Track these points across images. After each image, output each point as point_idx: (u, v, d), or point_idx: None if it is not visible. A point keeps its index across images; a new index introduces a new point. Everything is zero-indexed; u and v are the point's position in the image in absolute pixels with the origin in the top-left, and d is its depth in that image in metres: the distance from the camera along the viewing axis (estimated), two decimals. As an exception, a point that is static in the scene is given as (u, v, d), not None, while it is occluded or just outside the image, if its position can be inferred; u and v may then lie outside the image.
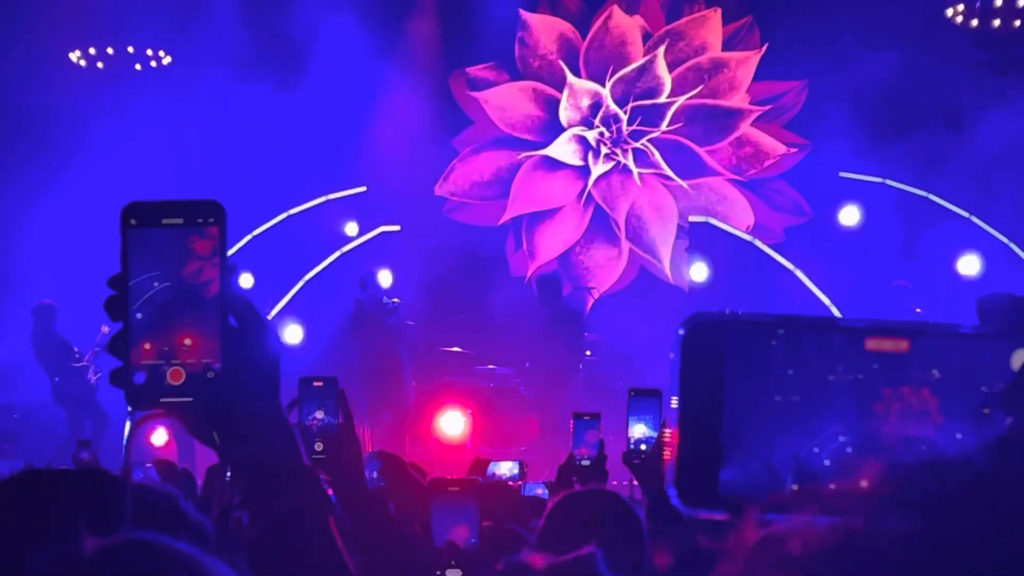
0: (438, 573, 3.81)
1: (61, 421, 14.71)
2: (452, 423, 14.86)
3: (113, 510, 1.76)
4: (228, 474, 1.76)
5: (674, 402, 1.41)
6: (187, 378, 1.69)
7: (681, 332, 1.42)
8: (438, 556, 3.91)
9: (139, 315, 1.69)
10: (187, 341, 1.69)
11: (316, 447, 3.78)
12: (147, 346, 1.68)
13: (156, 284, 1.69)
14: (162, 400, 1.69)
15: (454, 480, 4.66)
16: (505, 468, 8.23)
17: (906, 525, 1.20)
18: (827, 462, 1.38)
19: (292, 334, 16.66)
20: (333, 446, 3.70)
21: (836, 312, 16.55)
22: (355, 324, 14.38)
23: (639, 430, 5.02)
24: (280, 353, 1.80)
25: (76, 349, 14.82)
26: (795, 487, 1.38)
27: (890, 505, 1.28)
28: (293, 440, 1.81)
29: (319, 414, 3.90)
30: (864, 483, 1.36)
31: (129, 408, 1.71)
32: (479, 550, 4.00)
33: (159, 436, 13.17)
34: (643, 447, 4.98)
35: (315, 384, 3.95)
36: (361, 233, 17.55)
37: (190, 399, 1.69)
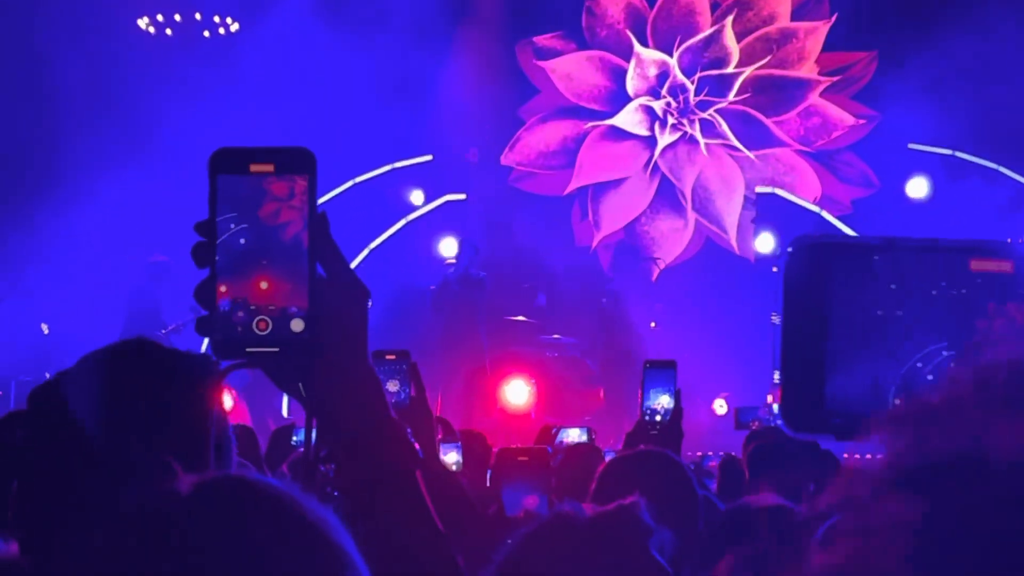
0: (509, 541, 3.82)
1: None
2: (517, 392, 14.90)
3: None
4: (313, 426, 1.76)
5: (775, 318, 1.41)
6: (273, 328, 1.66)
7: (787, 251, 1.41)
8: (511, 526, 3.91)
9: (217, 259, 1.67)
10: (263, 284, 1.66)
11: None
12: (223, 288, 1.66)
13: (232, 226, 1.67)
14: (247, 350, 1.66)
15: (522, 449, 4.67)
16: (574, 435, 8.23)
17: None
18: (930, 376, 1.37)
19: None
20: (406, 419, 3.72)
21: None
22: (437, 299, 14.47)
23: (655, 401, 5.07)
24: (367, 305, 1.77)
25: (165, 322, 14.91)
26: (898, 401, 1.37)
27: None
28: (380, 394, 1.79)
29: (392, 387, 3.91)
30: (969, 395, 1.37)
31: (214, 357, 1.69)
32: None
33: (224, 399, 13.24)
34: (658, 418, 5.02)
35: (388, 357, 3.95)
36: (427, 202, 17.60)
37: (276, 349, 1.66)
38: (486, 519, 3.75)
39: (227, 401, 13.33)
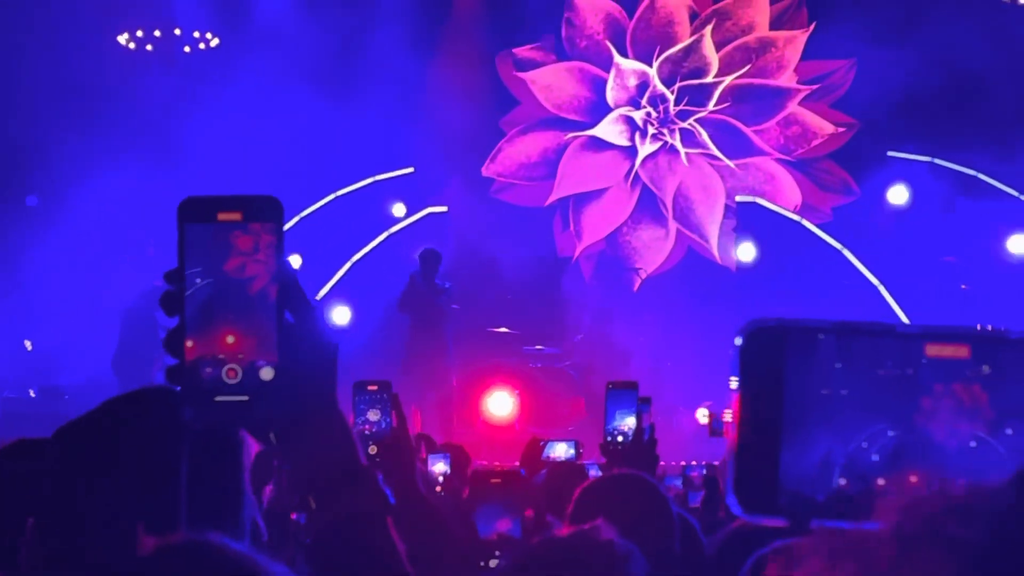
0: (482, 564, 3.82)
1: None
2: (500, 403, 14.91)
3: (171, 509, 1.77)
4: (282, 474, 1.76)
5: (727, 416, 1.43)
6: (243, 376, 1.66)
7: (738, 341, 1.44)
8: (485, 548, 3.92)
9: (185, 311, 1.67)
10: (230, 338, 1.66)
11: (370, 451, 3.79)
12: (189, 343, 1.66)
13: (199, 281, 1.67)
14: (217, 399, 1.66)
15: (496, 471, 4.68)
16: (561, 449, 8.23)
17: (965, 533, 1.22)
18: (875, 457, 1.38)
19: (340, 315, 16.73)
20: (387, 450, 3.73)
21: (884, 292, 16.49)
22: (404, 299, 14.38)
23: (620, 422, 5.10)
24: (337, 351, 1.77)
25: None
26: (843, 482, 1.38)
27: (944, 509, 1.30)
28: (351, 440, 1.79)
29: (372, 416, 3.92)
30: (914, 479, 1.38)
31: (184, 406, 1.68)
32: (522, 541, 4.01)
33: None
34: (620, 438, 5.06)
35: (369, 388, 3.96)
36: (408, 214, 17.61)
37: (246, 398, 1.66)
38: (461, 544, 3.76)
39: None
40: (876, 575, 1.15)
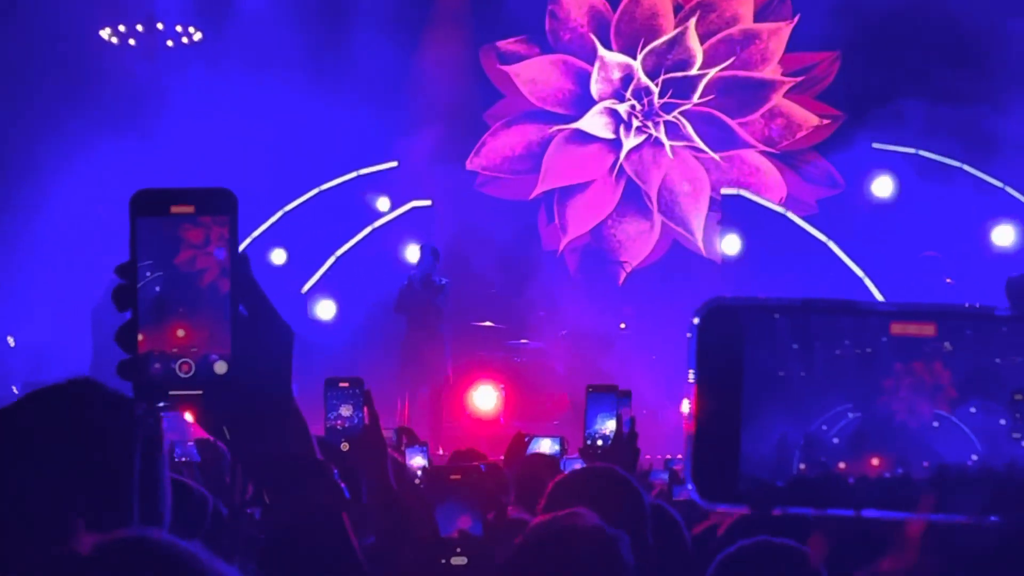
0: (443, 561, 3.81)
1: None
2: (485, 398, 14.91)
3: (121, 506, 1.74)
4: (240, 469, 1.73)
5: (685, 406, 1.39)
6: (196, 370, 1.66)
7: (695, 320, 1.39)
8: (446, 546, 3.91)
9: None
10: (180, 332, 1.65)
11: (342, 447, 3.78)
12: (142, 337, 1.65)
13: (149, 274, 1.66)
14: (171, 392, 1.66)
15: (454, 468, 4.65)
16: (545, 445, 8.22)
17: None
18: (836, 440, 1.36)
19: (324, 310, 16.72)
20: (359, 446, 3.71)
21: (869, 284, 16.50)
22: (401, 300, 14.37)
23: (600, 425, 5.12)
24: (292, 343, 1.75)
25: None
26: (802, 466, 1.35)
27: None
28: (307, 434, 1.77)
29: (345, 412, 3.91)
30: (875, 462, 1.35)
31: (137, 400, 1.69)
32: (484, 538, 3.99)
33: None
34: (600, 442, 5.07)
35: (341, 385, 3.95)
36: (392, 208, 17.59)
37: (199, 392, 1.66)
38: (421, 542, 3.74)
39: (189, 416, 13.33)
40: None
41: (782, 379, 1.36)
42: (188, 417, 1.67)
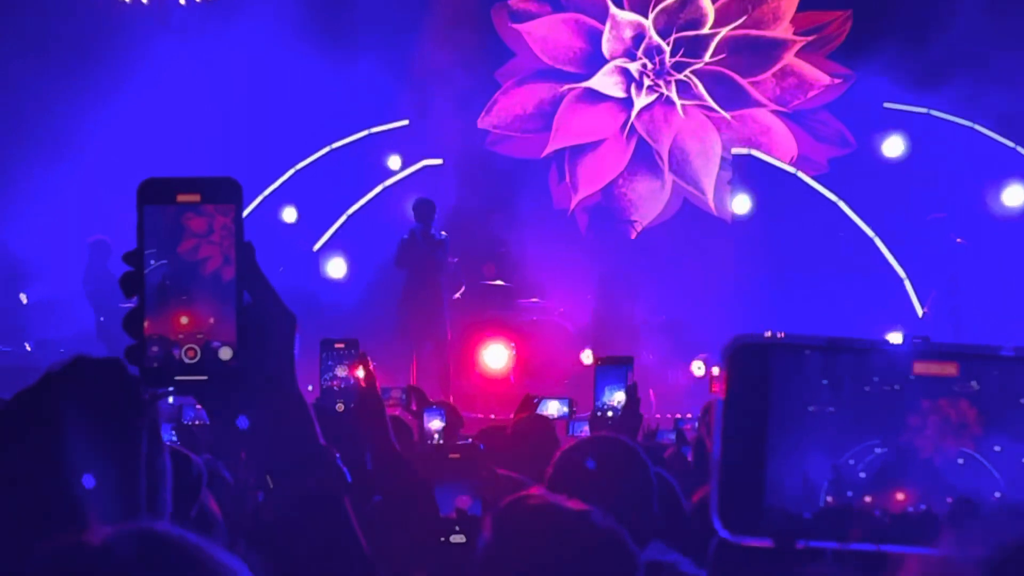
0: (442, 539, 3.83)
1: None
2: (495, 356, 14.93)
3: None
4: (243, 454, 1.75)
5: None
6: (201, 356, 1.69)
7: (725, 357, 1.42)
8: (445, 525, 3.93)
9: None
10: (184, 319, 1.68)
11: (337, 407, 3.79)
12: (148, 324, 1.69)
13: (153, 262, 1.69)
14: (176, 378, 1.69)
15: (454, 446, 4.69)
16: (553, 407, 8.24)
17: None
18: (863, 474, 1.39)
19: (336, 268, 16.74)
20: (357, 409, 3.72)
21: (880, 244, 16.48)
22: (401, 253, 14.26)
23: (608, 397, 5.15)
24: (295, 330, 1.77)
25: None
26: (829, 499, 1.39)
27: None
28: (309, 419, 1.80)
29: (340, 372, 3.93)
30: (900, 496, 1.39)
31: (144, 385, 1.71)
32: (482, 516, 4.01)
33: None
34: (610, 414, 5.10)
35: (336, 346, 3.96)
36: (404, 167, 17.58)
37: (204, 378, 1.69)
38: (424, 520, 3.77)
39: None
40: None
41: (811, 414, 1.40)
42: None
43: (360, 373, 3.78)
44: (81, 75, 15.81)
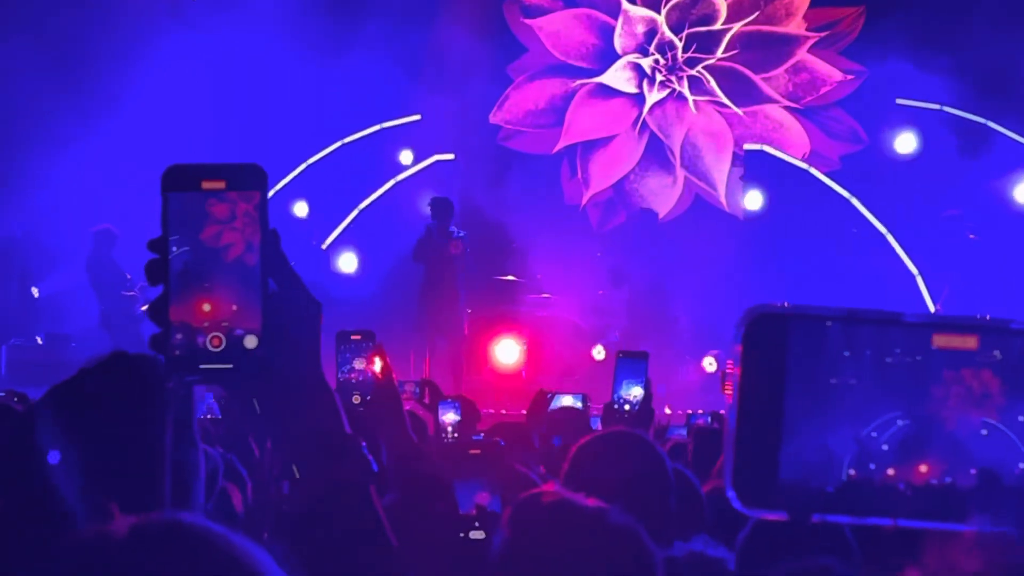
0: (462, 535, 3.81)
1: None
2: (507, 352, 14.94)
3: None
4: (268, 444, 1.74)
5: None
6: (227, 345, 1.67)
7: (741, 327, 1.40)
8: (464, 521, 3.91)
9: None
10: (206, 307, 1.67)
11: (353, 399, 3.77)
12: (173, 312, 1.67)
13: (175, 249, 1.67)
14: (201, 367, 1.67)
15: (474, 443, 4.67)
16: (567, 402, 8.24)
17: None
18: (885, 446, 1.37)
19: (347, 262, 16.74)
20: (373, 402, 3.70)
21: (893, 241, 16.45)
22: (419, 248, 14.28)
23: (626, 392, 5.16)
24: (320, 319, 1.76)
25: (129, 277, 14.92)
26: (852, 472, 1.37)
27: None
28: (335, 409, 1.79)
29: (358, 365, 3.91)
30: (923, 469, 1.38)
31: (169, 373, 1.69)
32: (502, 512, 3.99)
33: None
34: (627, 407, 5.11)
35: (353, 337, 3.94)
36: (415, 162, 17.57)
37: (230, 366, 1.67)
38: (443, 516, 3.75)
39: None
40: None
41: (833, 386, 1.38)
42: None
43: (377, 365, 3.76)
44: (91, 68, 15.80)
